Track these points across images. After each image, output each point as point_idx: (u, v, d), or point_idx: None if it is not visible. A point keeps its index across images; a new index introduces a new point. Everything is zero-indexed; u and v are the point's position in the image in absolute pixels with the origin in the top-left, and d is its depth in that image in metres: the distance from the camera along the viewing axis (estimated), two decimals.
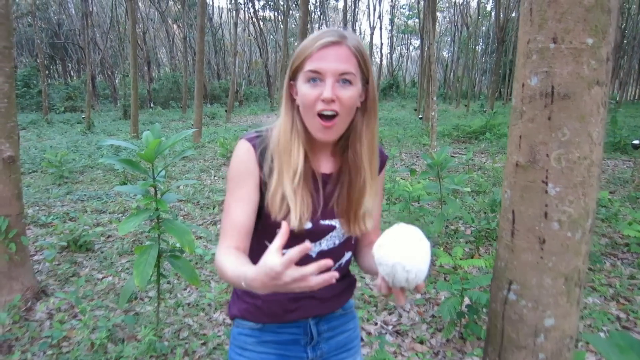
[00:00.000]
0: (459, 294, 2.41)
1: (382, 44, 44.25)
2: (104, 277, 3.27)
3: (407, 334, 2.56)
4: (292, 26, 29.78)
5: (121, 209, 5.01)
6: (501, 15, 19.00)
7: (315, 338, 1.08)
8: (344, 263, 1.07)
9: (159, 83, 28.32)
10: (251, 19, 31.48)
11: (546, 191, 0.89)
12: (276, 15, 32.67)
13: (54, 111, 20.13)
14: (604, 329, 2.53)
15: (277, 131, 0.97)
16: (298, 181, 0.93)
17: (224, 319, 2.69)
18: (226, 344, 2.40)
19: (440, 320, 2.67)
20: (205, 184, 6.34)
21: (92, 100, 19.23)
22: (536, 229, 0.91)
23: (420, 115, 16.66)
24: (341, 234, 1.02)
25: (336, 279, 0.69)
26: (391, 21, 42.89)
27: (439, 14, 33.49)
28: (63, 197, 5.48)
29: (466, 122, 12.82)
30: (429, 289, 3.07)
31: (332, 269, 1.02)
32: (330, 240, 1.01)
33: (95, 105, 23.68)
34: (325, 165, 1.02)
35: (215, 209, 5.10)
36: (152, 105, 24.95)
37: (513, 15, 20.68)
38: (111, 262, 3.53)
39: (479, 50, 35.37)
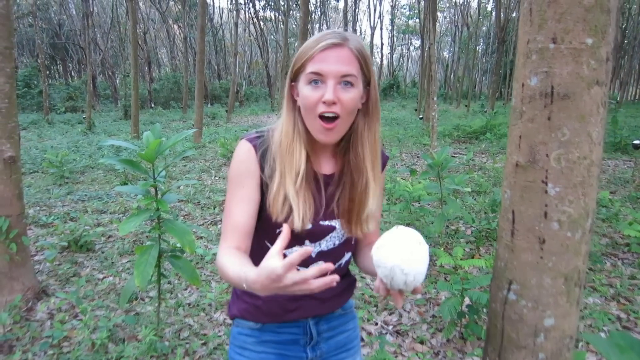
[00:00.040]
0: (460, 294, 2.41)
1: (383, 44, 44.29)
2: (105, 277, 3.28)
3: (408, 334, 2.56)
4: (293, 26, 29.78)
5: (122, 209, 5.02)
6: (502, 15, 18.99)
7: (315, 338, 1.08)
8: (343, 263, 1.07)
9: (160, 83, 28.34)
10: (252, 19, 31.49)
11: (546, 191, 0.89)
12: (277, 15, 32.67)
13: (54, 111, 20.15)
14: (604, 329, 2.53)
15: (279, 132, 0.97)
16: (300, 182, 0.94)
17: (225, 319, 2.70)
18: (227, 344, 2.41)
19: (440, 320, 2.67)
20: (205, 184, 6.35)
21: (93, 101, 19.25)
22: (536, 229, 0.91)
23: (420, 116, 16.65)
24: (341, 234, 1.02)
25: (337, 279, 0.69)
26: (392, 21, 42.90)
27: (439, 14, 33.49)
28: (64, 197, 5.49)
29: (467, 122, 12.81)
30: (429, 289, 3.07)
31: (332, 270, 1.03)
32: (330, 240, 1.02)
33: (96, 105, 23.70)
34: (326, 166, 1.02)
35: (215, 209, 5.10)
36: (153, 105, 24.97)
37: (513, 15, 20.67)
38: (112, 262, 3.53)
39: (479, 50, 35.35)
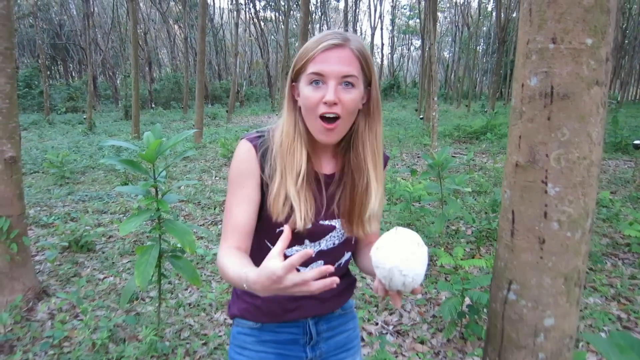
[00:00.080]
0: (460, 294, 2.41)
1: (383, 45, 44.34)
2: (105, 278, 3.28)
3: (408, 334, 2.56)
4: (293, 26, 29.78)
5: (122, 210, 5.02)
6: (502, 16, 18.98)
7: (315, 338, 1.08)
8: (343, 263, 1.07)
9: (160, 83, 28.35)
10: (252, 19, 31.50)
11: (546, 191, 0.89)
12: (277, 15, 32.67)
13: (55, 112, 20.16)
14: (604, 329, 2.53)
15: (280, 132, 0.97)
16: (301, 182, 0.94)
17: (225, 319, 2.70)
18: (227, 344, 2.41)
19: (441, 321, 2.67)
20: (206, 185, 6.35)
21: (94, 101, 19.28)
22: (536, 228, 0.91)
23: (421, 116, 16.65)
24: (341, 234, 1.02)
25: (337, 281, 0.69)
26: (392, 21, 42.88)
27: (439, 14, 33.47)
28: (64, 198, 5.49)
29: (467, 123, 12.81)
30: (429, 289, 3.07)
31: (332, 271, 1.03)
32: (329, 240, 1.02)
33: (97, 105, 23.72)
34: (327, 166, 1.02)
35: (216, 209, 5.10)
36: (154, 105, 24.97)
37: (514, 15, 20.67)
38: (112, 263, 3.54)
39: (479, 50, 35.33)
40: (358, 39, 0.92)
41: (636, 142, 6.18)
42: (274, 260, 0.69)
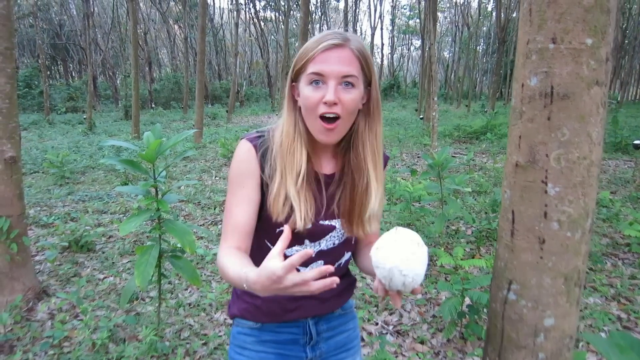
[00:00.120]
0: (460, 294, 2.41)
1: (383, 45, 44.35)
2: (105, 278, 3.28)
3: (408, 334, 2.56)
4: (293, 26, 29.77)
5: (122, 210, 5.02)
6: (502, 16, 18.97)
7: (315, 338, 1.08)
8: (343, 263, 1.07)
9: (160, 83, 28.35)
10: (252, 19, 31.49)
11: (546, 191, 0.89)
12: (277, 15, 32.67)
13: (55, 112, 20.16)
14: (605, 329, 2.53)
15: (280, 132, 0.97)
16: (301, 182, 0.94)
17: (225, 319, 2.70)
18: (227, 344, 2.41)
19: (441, 321, 2.67)
20: (206, 185, 6.35)
21: (94, 101, 19.28)
22: (536, 228, 0.91)
23: (421, 116, 16.66)
24: (341, 234, 1.02)
25: (337, 281, 0.69)
26: (392, 21, 42.88)
27: (439, 14, 33.47)
28: (64, 198, 5.49)
29: (467, 123, 12.81)
30: (429, 289, 3.07)
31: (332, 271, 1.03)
32: (329, 240, 1.02)
33: (97, 105, 23.72)
34: (327, 166, 1.02)
35: (216, 209, 5.10)
36: (154, 105, 24.97)
37: (514, 15, 20.66)
38: (112, 263, 3.54)
39: (480, 50, 35.33)
40: (358, 39, 0.92)
41: (636, 142, 6.18)
42: (274, 260, 0.69)
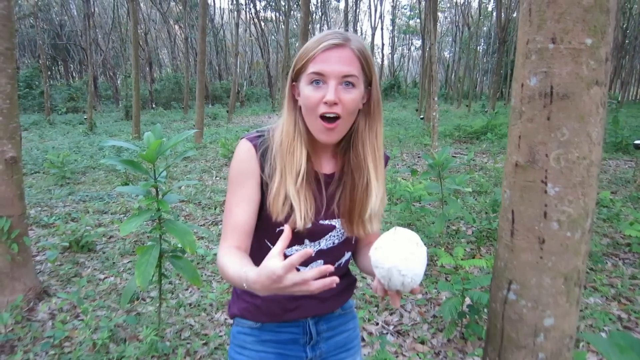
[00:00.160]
0: (460, 294, 2.41)
1: (384, 45, 44.35)
2: (106, 278, 3.28)
3: (408, 334, 2.56)
4: (294, 27, 29.76)
5: (123, 210, 5.03)
6: (502, 16, 18.95)
7: (315, 338, 1.08)
8: (343, 263, 1.07)
9: (161, 84, 28.35)
10: (252, 19, 31.49)
11: (545, 191, 0.89)
12: (277, 15, 32.67)
13: (56, 112, 20.18)
14: (605, 329, 2.52)
15: (280, 132, 0.97)
16: (301, 182, 0.94)
17: (226, 319, 2.70)
18: (228, 344, 2.41)
19: (441, 321, 2.67)
20: (206, 185, 6.35)
21: (94, 101, 19.28)
22: (536, 228, 0.91)
23: (421, 116, 16.65)
24: (341, 233, 1.02)
25: (337, 281, 0.70)
26: (392, 21, 42.85)
27: (440, 14, 33.46)
28: (65, 198, 5.50)
29: (467, 123, 12.81)
30: (430, 289, 3.07)
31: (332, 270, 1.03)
32: (329, 240, 1.02)
33: (97, 106, 23.74)
34: (326, 166, 1.02)
35: (216, 209, 5.11)
36: (154, 106, 24.98)
37: (514, 15, 20.65)
38: (113, 263, 3.54)
39: (480, 50, 35.30)
40: (358, 39, 0.93)
41: (637, 142, 6.17)
42: (274, 260, 0.69)
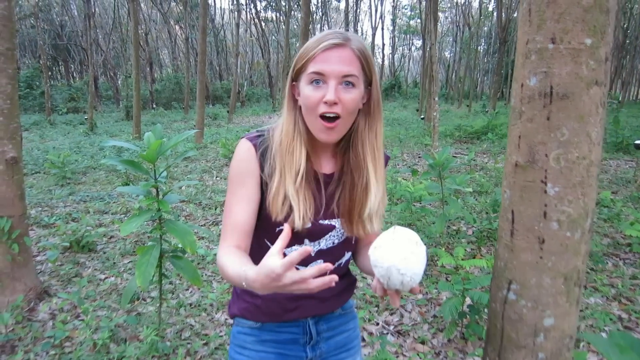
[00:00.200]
0: (461, 294, 2.41)
1: (384, 45, 44.40)
2: (107, 278, 3.28)
3: (409, 334, 2.56)
4: (294, 27, 29.76)
5: (123, 210, 5.03)
6: (503, 15, 18.95)
7: (315, 337, 1.08)
8: (343, 263, 1.07)
9: (161, 84, 28.37)
10: (253, 19, 31.50)
11: (545, 191, 0.89)
12: (278, 16, 32.68)
13: (56, 112, 20.19)
14: (605, 329, 2.52)
15: (279, 131, 0.97)
16: (300, 181, 0.94)
17: (226, 319, 2.70)
18: (228, 344, 2.41)
19: (441, 321, 2.67)
20: (207, 185, 6.36)
21: (95, 102, 19.29)
22: (535, 228, 0.91)
23: (422, 116, 16.65)
24: (340, 233, 1.02)
25: (336, 279, 0.70)
26: (393, 21, 42.82)
27: (440, 14, 33.45)
28: (66, 198, 5.50)
29: (468, 123, 12.81)
30: (430, 289, 3.07)
31: (331, 269, 1.03)
32: (329, 239, 1.02)
33: (98, 106, 23.74)
34: (326, 166, 1.02)
35: (217, 209, 5.11)
36: (155, 106, 24.99)
37: (515, 15, 20.63)
38: (113, 263, 3.54)
39: (481, 50, 35.31)
40: (358, 39, 0.93)
41: (637, 142, 6.16)
42: (273, 258, 0.69)
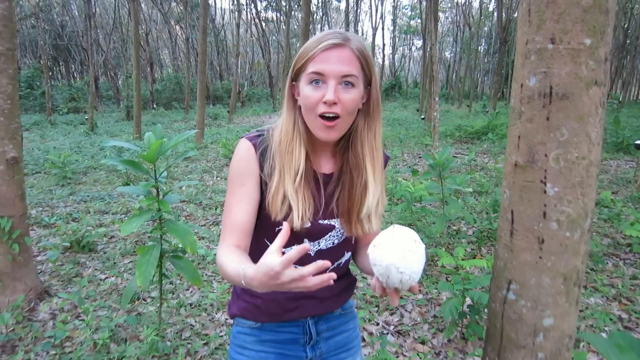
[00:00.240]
0: (461, 294, 2.41)
1: (385, 45, 44.40)
2: (107, 278, 3.29)
3: (409, 334, 2.56)
4: (295, 27, 29.75)
5: (124, 210, 5.03)
6: (503, 16, 18.92)
7: (314, 337, 1.08)
8: (343, 263, 1.07)
9: (162, 84, 28.36)
10: (253, 19, 31.49)
11: (545, 191, 0.89)
12: (278, 16, 32.69)
13: (57, 112, 20.21)
14: (605, 329, 2.52)
15: (279, 131, 0.97)
16: (299, 181, 0.94)
17: (226, 319, 2.70)
18: (228, 344, 2.41)
19: (441, 321, 2.67)
20: (207, 185, 6.36)
21: (95, 102, 19.30)
22: (535, 228, 0.92)
23: (422, 116, 16.65)
24: (340, 233, 1.03)
25: (335, 279, 0.70)
26: (393, 22, 42.78)
27: (441, 14, 33.45)
28: (66, 198, 5.51)
29: (468, 123, 12.81)
30: (430, 289, 3.07)
31: (331, 268, 1.03)
32: (329, 239, 1.02)
33: (98, 106, 23.75)
34: (325, 166, 1.02)
35: (217, 209, 5.11)
36: (155, 106, 25.00)
37: (515, 15, 20.62)
38: (114, 263, 3.54)
39: (481, 50, 35.30)
40: (358, 39, 0.93)
41: (638, 142, 6.16)
42: (272, 256, 0.69)
